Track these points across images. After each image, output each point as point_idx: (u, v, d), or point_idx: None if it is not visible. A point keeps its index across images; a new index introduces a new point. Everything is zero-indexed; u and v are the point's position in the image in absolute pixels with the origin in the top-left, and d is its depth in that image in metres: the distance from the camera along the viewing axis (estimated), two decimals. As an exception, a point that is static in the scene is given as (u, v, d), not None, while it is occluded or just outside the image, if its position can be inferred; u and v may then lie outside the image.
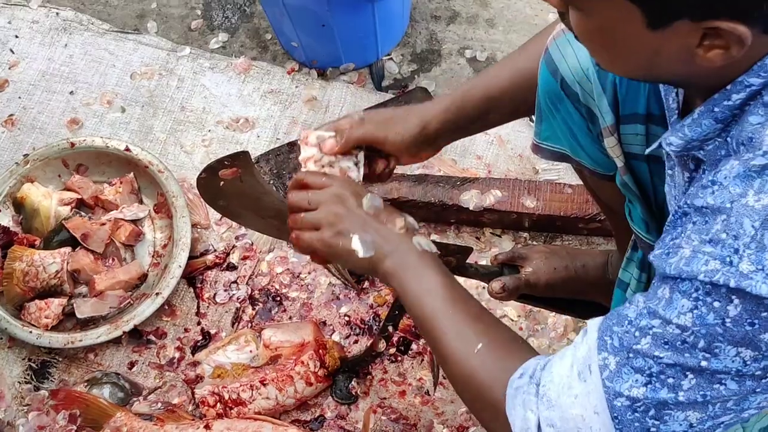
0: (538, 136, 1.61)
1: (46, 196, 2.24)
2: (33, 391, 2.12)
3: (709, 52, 0.99)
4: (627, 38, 1.03)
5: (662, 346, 1.04)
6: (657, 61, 1.05)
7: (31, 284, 2.13)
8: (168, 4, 2.71)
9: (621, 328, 1.08)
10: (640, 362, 1.06)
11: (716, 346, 1.01)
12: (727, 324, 0.99)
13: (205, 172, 1.63)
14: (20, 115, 2.48)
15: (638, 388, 1.06)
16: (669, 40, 1.00)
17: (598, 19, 1.03)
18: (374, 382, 2.09)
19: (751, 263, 0.97)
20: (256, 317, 2.17)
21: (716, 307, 0.99)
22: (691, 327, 1.01)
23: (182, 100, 2.49)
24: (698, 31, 0.98)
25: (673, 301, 1.03)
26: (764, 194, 0.98)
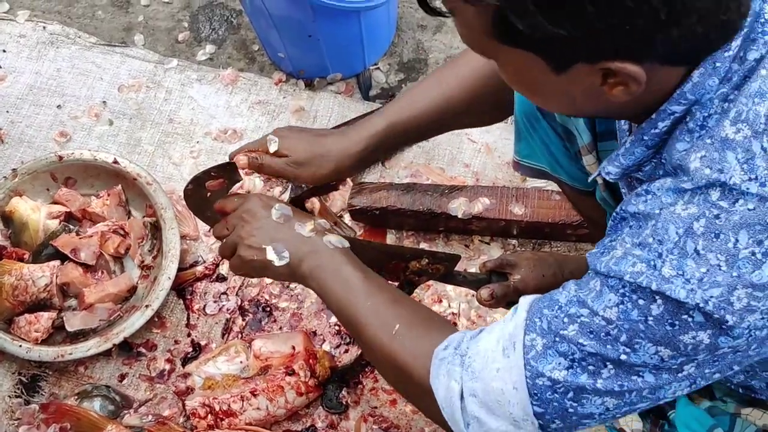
0: (519, 154, 1.64)
1: (34, 210, 2.24)
2: (23, 405, 2.11)
3: (613, 89, 1.04)
4: (540, 83, 1.09)
5: (587, 335, 1.10)
6: (573, 101, 1.11)
7: (21, 298, 2.13)
8: (155, 16, 2.71)
9: (551, 312, 1.14)
10: (564, 347, 1.12)
11: (636, 342, 1.07)
12: (649, 322, 1.05)
13: (192, 183, 1.63)
14: (8, 129, 2.48)
15: (560, 371, 1.13)
16: (574, 81, 1.06)
17: (512, 68, 1.10)
18: (365, 391, 2.09)
19: (673, 268, 1.03)
20: (246, 328, 2.17)
21: (640, 304, 1.05)
22: (615, 321, 1.07)
23: (170, 112, 2.49)
24: (596, 71, 1.03)
25: (602, 294, 1.08)
26: (692, 204, 1.03)
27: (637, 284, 1.04)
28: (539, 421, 1.17)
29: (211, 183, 1.62)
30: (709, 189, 1.03)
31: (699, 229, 1.02)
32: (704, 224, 1.02)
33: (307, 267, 1.43)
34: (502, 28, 1.02)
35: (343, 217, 2.27)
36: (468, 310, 2.16)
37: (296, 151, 1.58)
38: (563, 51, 1.01)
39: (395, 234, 2.28)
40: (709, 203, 1.02)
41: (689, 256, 1.02)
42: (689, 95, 1.06)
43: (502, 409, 1.17)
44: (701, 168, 1.04)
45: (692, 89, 1.05)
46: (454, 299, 2.17)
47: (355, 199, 2.22)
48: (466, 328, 2.14)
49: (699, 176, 1.04)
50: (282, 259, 1.43)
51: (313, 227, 1.47)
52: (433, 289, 2.18)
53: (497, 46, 1.05)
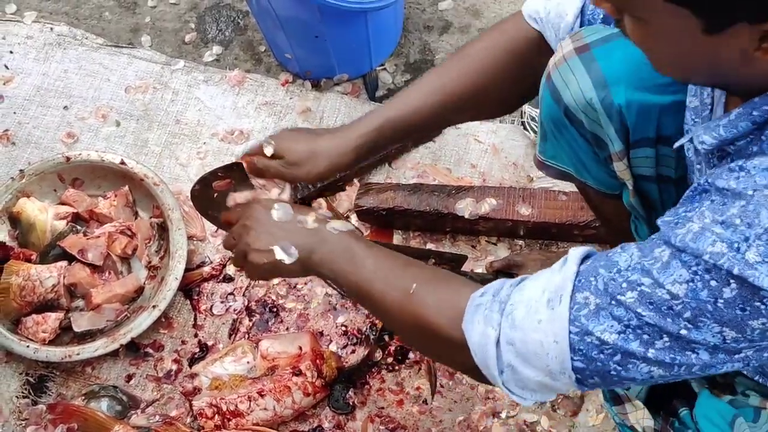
0: (543, 154, 1.62)
1: (42, 211, 2.24)
2: (31, 405, 2.12)
3: (766, 54, 0.99)
4: (684, 44, 1.03)
5: (647, 304, 1.05)
6: (714, 65, 1.06)
7: (28, 299, 2.13)
8: (162, 18, 2.72)
9: (609, 274, 1.10)
10: (620, 312, 1.07)
11: (701, 321, 1.03)
12: (718, 303, 1.01)
13: (198, 183, 1.63)
14: (15, 130, 2.48)
15: (611, 334, 1.08)
16: (726, 44, 1.00)
17: (655, 26, 1.04)
18: (372, 391, 2.09)
19: (759, 255, 0.98)
20: (253, 328, 2.18)
21: (713, 285, 1.00)
22: (682, 297, 1.03)
23: (177, 113, 2.50)
24: (756, 33, 0.98)
25: (671, 267, 1.04)
26: None
27: (715, 265, 1.00)
28: (577, 375, 1.13)
29: (218, 183, 1.62)
30: None
31: None
32: None
33: (318, 257, 1.42)
34: None
35: (350, 217, 2.27)
36: (475, 310, 2.16)
37: (291, 151, 1.56)
38: (728, 10, 0.96)
39: (402, 234, 2.28)
40: None
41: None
42: None
43: (539, 361, 1.14)
44: None
45: None
46: (461, 300, 2.17)
47: (361, 200, 2.22)
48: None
49: None
50: (291, 255, 1.42)
51: (316, 218, 1.46)
52: (439, 290, 2.17)
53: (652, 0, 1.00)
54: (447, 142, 2.39)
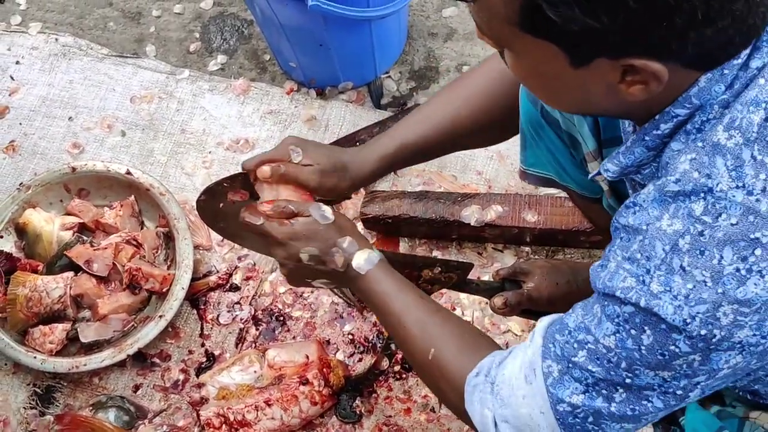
0: (524, 163, 1.65)
1: (48, 221, 2.24)
2: (38, 416, 2.12)
3: (631, 87, 1.04)
4: (555, 77, 1.08)
5: (594, 361, 1.13)
6: (587, 97, 1.10)
7: (35, 309, 2.13)
8: (166, 27, 2.72)
9: (562, 338, 1.17)
10: (577, 373, 1.15)
11: (636, 369, 1.10)
12: (643, 351, 1.08)
13: (204, 194, 1.63)
14: (21, 141, 2.49)
15: (577, 395, 1.16)
16: (592, 77, 1.05)
17: (528, 59, 1.09)
18: (379, 400, 2.08)
19: (660, 284, 1.04)
20: (260, 337, 2.17)
21: (633, 334, 1.07)
22: (614, 349, 1.10)
23: (182, 123, 2.50)
24: (617, 68, 1.02)
25: (601, 322, 1.11)
26: (676, 219, 1.04)
27: (629, 304, 1.06)
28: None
29: (233, 195, 1.62)
30: (692, 198, 1.03)
31: (684, 246, 1.03)
32: (689, 241, 1.03)
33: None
34: (530, 16, 1.01)
35: (356, 225, 2.26)
36: (482, 318, 2.16)
37: (321, 161, 1.55)
38: (587, 44, 1.01)
39: (408, 242, 2.28)
40: (693, 218, 1.03)
41: (676, 273, 1.03)
42: (694, 99, 1.05)
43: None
44: (690, 171, 1.04)
45: (698, 94, 1.05)
46: (468, 307, 2.17)
47: (367, 208, 2.22)
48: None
49: (686, 179, 1.04)
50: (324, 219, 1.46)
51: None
52: (446, 297, 2.17)
53: (518, 34, 1.04)
54: (452, 149, 2.39)
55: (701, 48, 1.00)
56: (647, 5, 0.95)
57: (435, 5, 2.71)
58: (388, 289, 1.43)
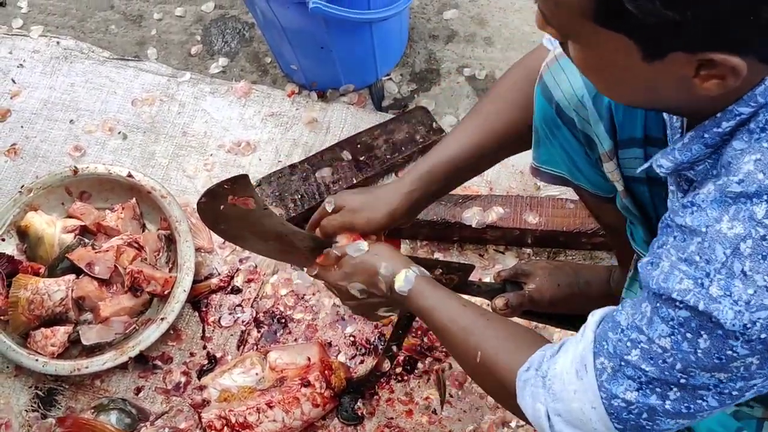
0: (537, 160, 1.63)
1: (49, 224, 2.24)
2: (40, 419, 2.12)
3: (706, 82, 1.01)
4: (624, 70, 1.06)
5: (648, 360, 1.12)
6: (655, 91, 1.08)
7: (37, 312, 2.14)
8: (168, 30, 2.73)
9: (615, 336, 1.16)
10: (631, 371, 1.14)
11: (691, 371, 1.09)
12: (699, 354, 1.06)
13: (205, 196, 1.63)
14: (23, 144, 2.49)
15: (631, 392, 1.15)
16: (665, 71, 1.03)
17: (596, 51, 1.06)
18: (381, 402, 2.08)
19: (720, 288, 1.02)
20: (262, 339, 2.18)
21: (689, 338, 1.06)
22: (670, 350, 1.09)
23: (183, 125, 2.50)
24: (693, 62, 1.00)
25: (654, 323, 1.10)
26: (737, 222, 1.02)
27: (686, 306, 1.05)
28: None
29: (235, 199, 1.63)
30: (753, 200, 1.01)
31: (746, 250, 1.01)
32: (751, 245, 1.01)
33: None
34: (606, 8, 0.99)
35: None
36: (483, 319, 2.15)
37: (349, 200, 1.64)
38: (665, 38, 0.98)
39: (409, 244, 2.28)
40: (755, 221, 1.01)
41: (737, 277, 1.01)
42: (760, 98, 1.04)
43: (586, 426, 1.21)
44: (755, 172, 1.02)
45: (764, 92, 1.03)
46: (469, 309, 2.16)
47: (368, 210, 2.22)
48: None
49: (750, 180, 1.02)
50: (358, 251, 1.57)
51: None
52: (448, 299, 2.17)
53: (590, 26, 1.02)
54: (453, 151, 2.39)
55: None
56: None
57: (436, 8, 2.71)
58: (432, 303, 1.48)
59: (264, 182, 2.30)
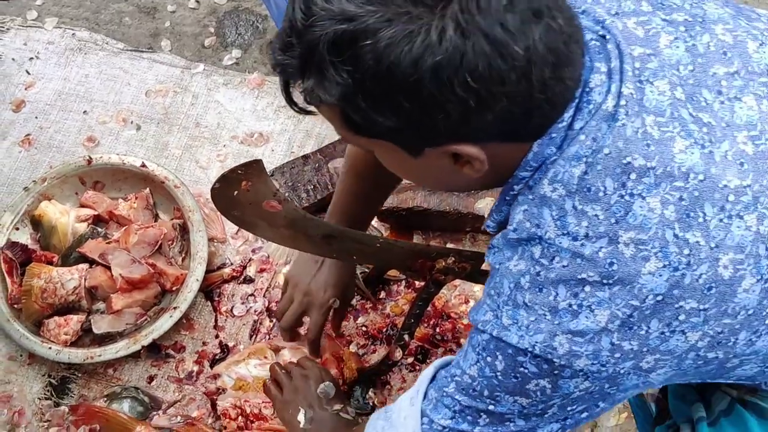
0: None
1: (63, 214, 2.25)
2: (53, 407, 2.13)
3: (464, 167, 1.12)
4: (405, 166, 1.18)
5: (461, 391, 1.27)
6: (440, 179, 1.21)
7: (50, 301, 2.14)
8: (181, 22, 2.73)
9: (443, 373, 1.33)
10: (447, 401, 1.30)
11: (497, 395, 1.23)
12: (499, 377, 1.20)
13: (219, 182, 1.64)
14: (37, 135, 2.50)
15: (446, 420, 1.31)
16: (431, 163, 1.13)
17: (380, 154, 1.18)
18: (393, 391, 2.08)
19: (509, 318, 1.17)
20: (274, 329, 2.18)
21: (489, 361, 1.21)
22: (477, 377, 1.24)
23: (197, 117, 2.51)
24: (445, 154, 1.10)
25: (467, 353, 1.26)
26: (522, 260, 1.16)
27: (486, 332, 1.20)
28: None
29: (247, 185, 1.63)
30: (531, 243, 1.14)
31: (525, 284, 1.15)
32: (529, 280, 1.14)
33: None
34: (350, 122, 1.08)
35: None
36: (495, 310, 2.15)
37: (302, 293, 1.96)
38: (409, 138, 1.09)
39: (422, 235, 2.28)
40: (533, 260, 1.14)
41: (521, 307, 1.15)
42: (533, 163, 1.13)
43: None
44: (523, 221, 1.15)
45: (534, 158, 1.13)
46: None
47: (381, 201, 2.22)
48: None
49: (521, 228, 1.15)
50: (306, 424, 1.77)
51: (341, 408, 1.81)
52: (460, 289, 2.17)
53: (357, 137, 1.11)
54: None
55: (501, 126, 1.06)
56: (418, 104, 1.02)
57: (449, 0, 2.71)
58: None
59: (277, 173, 2.31)
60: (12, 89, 2.59)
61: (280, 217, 1.71)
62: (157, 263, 2.18)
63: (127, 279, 2.14)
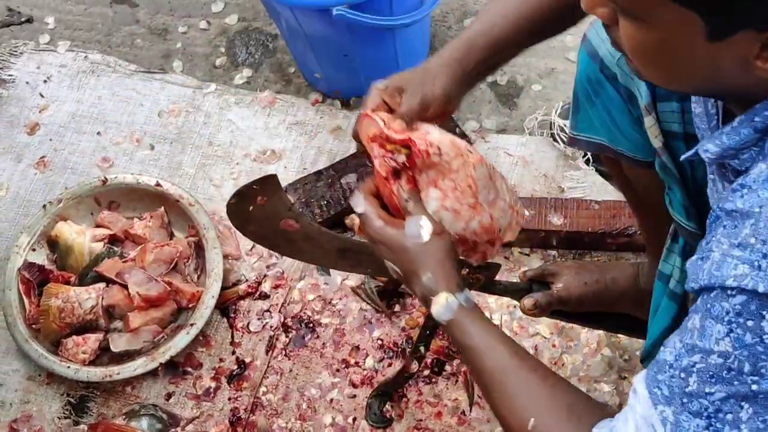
0: (575, 128, 1.61)
1: (79, 234, 2.27)
2: (72, 425, 2.14)
3: (767, 63, 0.99)
4: (684, 50, 1.02)
5: (710, 381, 1.02)
6: (711, 74, 1.05)
7: (67, 320, 2.16)
8: (192, 43, 2.76)
9: (665, 375, 1.07)
10: (695, 405, 1.04)
11: (762, 366, 0.99)
12: (765, 341, 0.98)
13: (235, 197, 1.65)
14: (52, 157, 2.53)
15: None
16: (728, 51, 0.99)
17: (658, 31, 1.02)
18: (409, 404, 2.09)
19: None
20: (290, 344, 2.19)
21: (750, 326, 0.98)
22: (732, 352, 1.00)
23: (209, 136, 2.53)
24: (759, 41, 0.97)
25: (706, 329, 1.02)
26: None
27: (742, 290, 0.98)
28: None
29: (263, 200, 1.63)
30: None
31: None
32: None
33: None
34: None
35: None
36: (510, 321, 2.17)
37: (405, 80, 1.44)
38: (737, 15, 0.95)
39: (435, 248, 2.28)
40: None
41: None
42: None
43: None
44: None
45: None
46: (496, 311, 2.18)
47: (394, 215, 2.23)
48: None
49: None
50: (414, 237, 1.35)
51: None
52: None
53: (660, 2, 0.97)
54: (477, 156, 2.40)
55: None
56: None
57: (456, 16, 2.73)
58: (476, 344, 1.28)
59: (290, 189, 2.32)
60: (26, 112, 2.62)
61: (295, 231, 1.72)
62: (174, 281, 2.20)
63: (144, 297, 2.16)
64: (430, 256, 1.34)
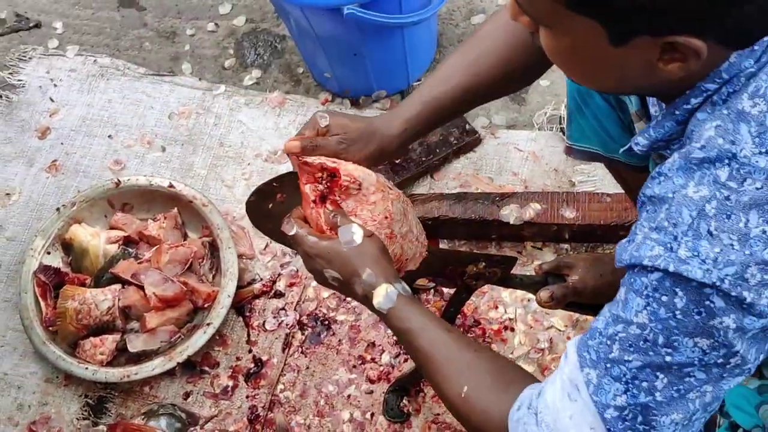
0: (570, 138, 1.64)
1: (93, 236, 2.28)
2: (91, 426, 2.15)
3: (669, 65, 1.06)
4: (593, 55, 1.10)
5: (628, 349, 1.11)
6: (622, 75, 1.13)
7: (84, 322, 2.17)
8: (201, 45, 2.77)
9: (594, 341, 1.15)
10: (616, 371, 1.13)
11: (674, 339, 1.08)
12: (677, 316, 1.07)
13: (254, 195, 1.65)
14: (63, 161, 2.54)
15: (620, 396, 1.13)
16: (631, 55, 1.07)
17: (567, 38, 1.10)
18: (426, 398, 2.10)
19: (688, 250, 1.05)
20: (306, 342, 2.20)
21: (665, 301, 1.07)
22: (648, 324, 1.09)
23: (220, 137, 2.54)
24: (657, 45, 1.04)
25: (629, 301, 1.11)
26: (702, 186, 1.06)
27: (657, 270, 1.06)
28: None
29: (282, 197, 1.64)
30: (717, 165, 1.06)
31: (711, 210, 1.05)
32: (715, 206, 1.05)
33: None
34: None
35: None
36: (524, 315, 2.18)
37: (348, 129, 1.51)
38: (631, 22, 1.02)
39: (448, 243, 2.30)
40: (719, 184, 1.05)
41: (703, 238, 1.05)
42: (724, 74, 1.09)
43: None
44: (714, 137, 1.07)
45: (728, 69, 1.08)
46: (510, 305, 2.19)
47: (407, 211, 2.24)
48: (523, 332, 2.15)
49: (711, 145, 1.07)
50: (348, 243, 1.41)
51: None
52: (488, 296, 2.19)
53: (562, 12, 1.05)
54: (487, 152, 2.42)
55: (740, 25, 1.02)
56: None
57: (463, 13, 2.75)
58: (413, 327, 1.36)
59: (302, 188, 2.33)
60: (37, 117, 2.64)
61: None
62: (189, 281, 2.21)
63: (161, 297, 2.17)
64: (367, 256, 1.41)
